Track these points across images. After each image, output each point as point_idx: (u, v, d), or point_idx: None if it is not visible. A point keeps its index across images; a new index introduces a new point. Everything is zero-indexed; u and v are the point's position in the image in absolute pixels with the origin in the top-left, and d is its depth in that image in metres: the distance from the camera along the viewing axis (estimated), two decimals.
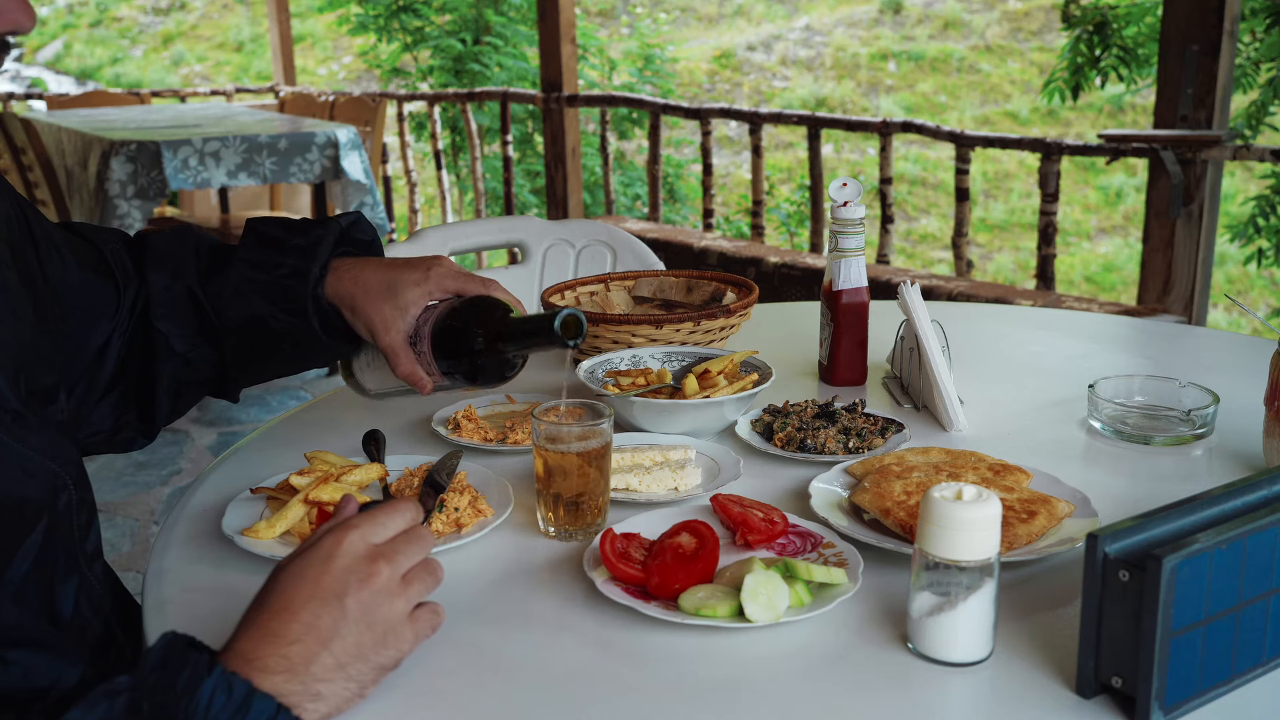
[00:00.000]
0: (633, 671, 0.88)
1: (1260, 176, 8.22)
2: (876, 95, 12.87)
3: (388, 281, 1.18)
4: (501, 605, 0.99)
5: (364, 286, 1.18)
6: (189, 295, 1.20)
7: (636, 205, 9.43)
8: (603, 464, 1.09)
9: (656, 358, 1.51)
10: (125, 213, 3.93)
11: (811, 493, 1.14)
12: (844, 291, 1.53)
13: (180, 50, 15.64)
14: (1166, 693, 0.79)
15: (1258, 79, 6.61)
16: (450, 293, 1.18)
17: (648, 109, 5.75)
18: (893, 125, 4.69)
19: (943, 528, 0.85)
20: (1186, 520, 0.84)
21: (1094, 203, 11.08)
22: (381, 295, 1.17)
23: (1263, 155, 3.79)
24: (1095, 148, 4.13)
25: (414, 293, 1.17)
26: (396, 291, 1.17)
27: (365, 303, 1.18)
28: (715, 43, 13.99)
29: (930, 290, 4.10)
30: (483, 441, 1.32)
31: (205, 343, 1.21)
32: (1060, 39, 9.00)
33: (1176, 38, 3.79)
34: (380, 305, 1.17)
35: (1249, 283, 9.61)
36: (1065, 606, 0.96)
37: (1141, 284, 4.05)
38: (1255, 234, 6.47)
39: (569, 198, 6.09)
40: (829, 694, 0.85)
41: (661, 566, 0.96)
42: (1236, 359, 1.67)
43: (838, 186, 1.51)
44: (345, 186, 4.37)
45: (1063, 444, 1.35)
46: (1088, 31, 6.69)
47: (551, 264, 2.22)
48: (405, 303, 1.16)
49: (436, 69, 9.97)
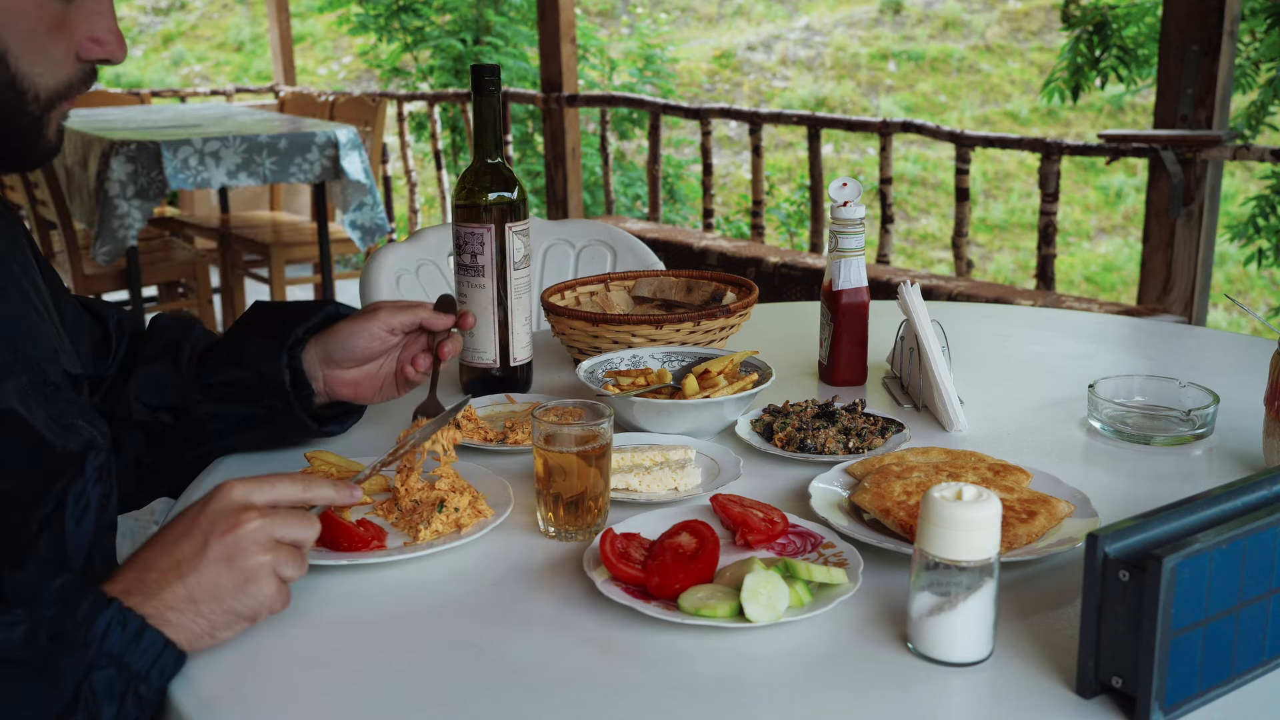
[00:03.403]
0: (633, 671, 0.88)
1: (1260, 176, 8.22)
2: (876, 95, 12.87)
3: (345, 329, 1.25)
4: (501, 605, 0.99)
5: (327, 339, 1.25)
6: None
7: (636, 205, 9.43)
8: (603, 464, 1.09)
9: (656, 358, 1.51)
10: (125, 213, 3.92)
11: (811, 493, 1.14)
12: (844, 291, 1.53)
13: (180, 50, 15.62)
14: (1166, 693, 0.79)
15: (1258, 79, 6.62)
16: (406, 324, 1.26)
17: (648, 109, 5.75)
18: (893, 125, 4.69)
19: (943, 528, 0.85)
20: (1186, 520, 0.84)
21: (1094, 203, 11.08)
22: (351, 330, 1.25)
23: (1263, 155, 3.79)
24: (1095, 148, 4.13)
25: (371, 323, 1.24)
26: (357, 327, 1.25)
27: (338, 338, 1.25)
28: (715, 43, 13.99)
29: (930, 290, 4.10)
30: (483, 441, 1.32)
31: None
32: (1060, 39, 9.00)
33: (1176, 38, 3.79)
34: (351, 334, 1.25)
35: (1249, 283, 9.61)
36: (1065, 606, 0.96)
37: (1141, 284, 4.05)
38: (1255, 234, 6.47)
39: (569, 198, 6.09)
40: (829, 694, 0.85)
41: (661, 566, 0.96)
42: (1236, 359, 1.67)
43: (838, 186, 1.51)
44: (345, 186, 4.37)
45: (1063, 444, 1.35)
46: (1087, 31, 6.69)
47: (551, 264, 2.22)
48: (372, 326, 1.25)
49: (436, 69, 9.96)
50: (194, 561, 0.88)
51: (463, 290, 1.46)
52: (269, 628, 0.94)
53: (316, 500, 0.96)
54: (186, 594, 0.87)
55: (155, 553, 0.90)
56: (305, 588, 1.00)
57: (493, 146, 1.44)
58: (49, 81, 1.01)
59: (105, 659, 0.82)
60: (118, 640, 0.83)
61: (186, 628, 0.87)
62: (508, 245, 1.43)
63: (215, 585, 0.88)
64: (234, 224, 5.26)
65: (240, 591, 0.88)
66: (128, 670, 0.83)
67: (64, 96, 1.03)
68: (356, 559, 1.02)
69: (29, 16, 0.98)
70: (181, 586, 0.87)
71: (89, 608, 0.83)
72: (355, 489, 0.99)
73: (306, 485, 0.96)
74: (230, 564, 0.88)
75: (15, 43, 0.98)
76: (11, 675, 0.80)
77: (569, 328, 1.60)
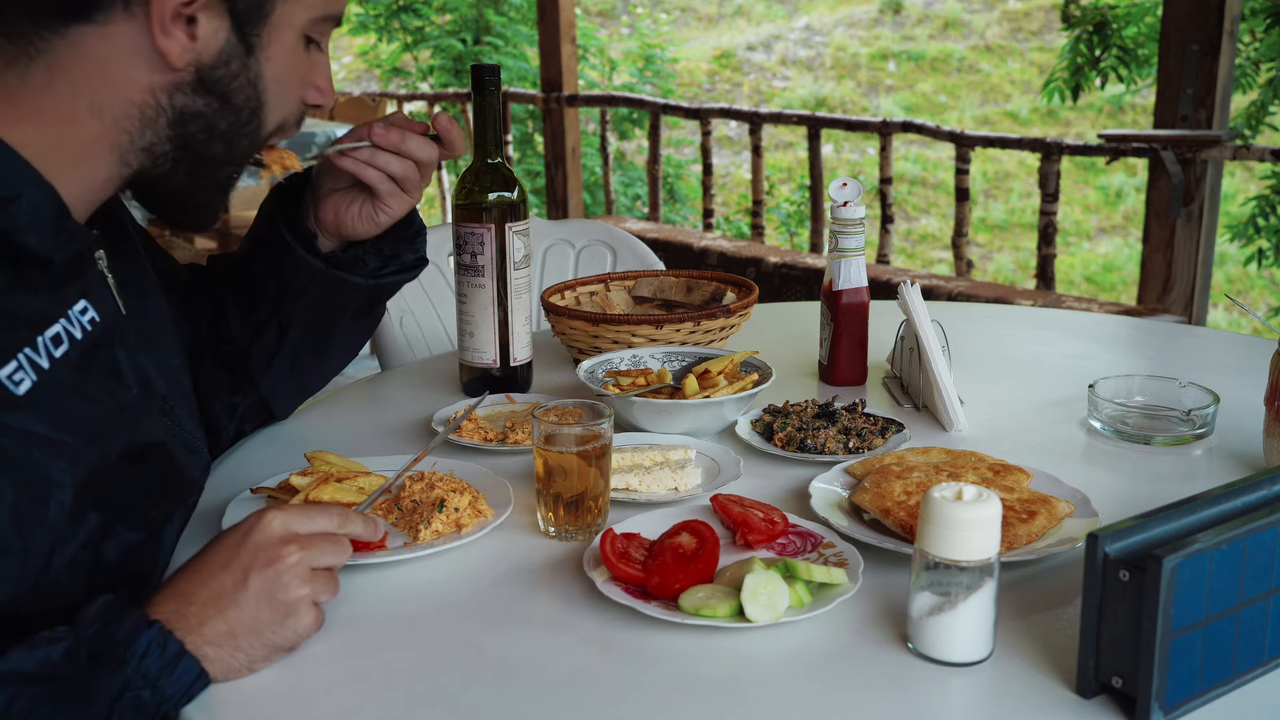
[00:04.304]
0: (633, 671, 0.88)
1: (1260, 176, 8.21)
2: (876, 95, 12.87)
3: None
4: (501, 605, 0.99)
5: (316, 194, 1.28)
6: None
7: (636, 205, 9.43)
8: (603, 464, 1.09)
9: (656, 358, 1.51)
10: None
11: (811, 493, 1.14)
12: (844, 291, 1.53)
13: None
14: (1166, 693, 0.79)
15: (1258, 79, 6.61)
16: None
17: (648, 109, 5.75)
18: (893, 125, 4.69)
19: (943, 528, 0.85)
20: (1186, 520, 0.84)
21: (1094, 203, 11.08)
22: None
23: (1263, 155, 3.79)
24: (1095, 148, 4.13)
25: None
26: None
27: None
28: (715, 43, 13.98)
29: (930, 290, 4.10)
30: (483, 441, 1.32)
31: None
32: (1060, 39, 9.00)
33: (1176, 38, 3.79)
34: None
35: (1249, 283, 9.60)
36: (1065, 606, 0.96)
37: (1141, 284, 4.05)
38: (1255, 234, 6.47)
39: (569, 198, 6.09)
40: (829, 694, 0.85)
41: (661, 566, 0.96)
42: (1236, 359, 1.67)
43: (838, 186, 1.51)
44: None
45: (1063, 444, 1.35)
46: (1087, 32, 6.69)
47: (551, 264, 2.22)
48: None
49: (436, 69, 9.97)
50: (234, 595, 0.87)
51: (463, 290, 1.46)
52: None
53: (350, 535, 0.97)
54: (226, 629, 0.86)
55: (195, 583, 0.88)
56: None
57: (493, 146, 1.44)
58: (274, 121, 1.05)
59: (142, 680, 0.82)
60: (156, 663, 0.82)
61: (225, 661, 0.86)
62: (508, 245, 1.44)
63: (255, 619, 0.87)
64: (234, 224, 5.25)
65: (280, 625, 0.88)
66: (161, 694, 0.82)
67: (277, 134, 1.07)
68: (357, 559, 1.02)
69: (291, 72, 1.03)
70: (221, 621, 0.86)
71: (130, 628, 0.83)
72: (379, 526, 1.01)
73: (343, 521, 0.96)
74: (271, 599, 0.88)
75: (274, 96, 1.03)
76: (48, 693, 0.80)
77: (569, 328, 1.60)
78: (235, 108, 1.00)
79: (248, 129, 1.02)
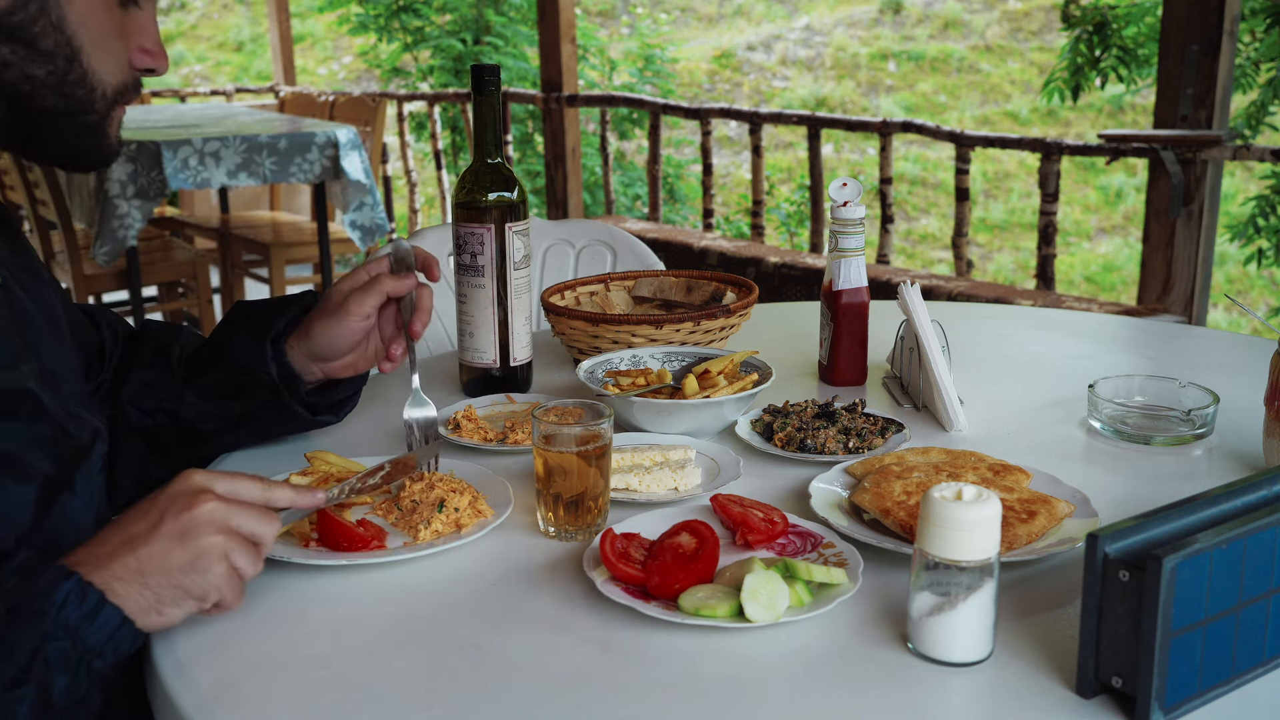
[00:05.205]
0: (633, 671, 0.88)
1: (1260, 176, 8.22)
2: (876, 95, 12.87)
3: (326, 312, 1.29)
4: (501, 605, 0.99)
5: (309, 341, 1.28)
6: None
7: (636, 205, 9.43)
8: (603, 464, 1.09)
9: (656, 358, 1.51)
10: (125, 213, 3.92)
11: (811, 493, 1.14)
12: (844, 291, 1.53)
13: (180, 50, 15.61)
14: (1166, 693, 0.79)
15: (1258, 79, 6.62)
16: (375, 304, 1.29)
17: (648, 109, 5.75)
18: (893, 125, 4.69)
19: (943, 528, 0.85)
20: (1186, 520, 0.84)
21: (1094, 203, 11.08)
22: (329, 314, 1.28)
23: (1263, 155, 3.79)
24: (1095, 148, 4.13)
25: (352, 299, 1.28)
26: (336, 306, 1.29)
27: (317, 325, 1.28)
28: (715, 43, 13.98)
29: (930, 290, 4.10)
30: (483, 441, 1.32)
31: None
32: (1060, 39, 9.00)
33: (1176, 38, 3.79)
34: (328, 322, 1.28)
35: (1249, 283, 9.61)
36: (1065, 606, 0.96)
37: (1141, 284, 4.05)
38: (1255, 234, 6.47)
39: (569, 198, 6.09)
40: (829, 694, 0.85)
41: (661, 566, 0.96)
42: (1236, 359, 1.67)
43: (838, 186, 1.51)
44: (345, 186, 4.37)
45: (1063, 444, 1.35)
46: (1087, 32, 6.69)
47: (551, 264, 2.22)
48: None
49: (436, 69, 9.97)
50: (146, 536, 0.89)
51: (463, 290, 1.46)
52: (269, 628, 0.94)
53: (276, 501, 0.97)
54: (136, 565, 0.88)
55: (111, 530, 0.91)
56: (306, 588, 1.01)
57: (493, 146, 1.44)
58: (112, 80, 1.06)
59: (61, 630, 0.83)
60: (74, 613, 0.84)
61: (132, 598, 0.87)
62: (508, 245, 1.44)
63: (165, 559, 0.88)
64: (234, 224, 5.26)
65: (190, 568, 0.89)
66: (82, 643, 0.84)
67: (121, 98, 1.08)
68: (356, 559, 1.02)
69: (99, 18, 1.03)
70: (132, 559, 0.88)
71: (48, 580, 0.84)
72: (318, 493, 1.01)
73: (267, 486, 0.97)
74: (182, 540, 0.89)
75: (88, 41, 1.03)
76: None
77: (569, 328, 1.60)
78: (46, 53, 1.00)
79: (72, 77, 1.03)
